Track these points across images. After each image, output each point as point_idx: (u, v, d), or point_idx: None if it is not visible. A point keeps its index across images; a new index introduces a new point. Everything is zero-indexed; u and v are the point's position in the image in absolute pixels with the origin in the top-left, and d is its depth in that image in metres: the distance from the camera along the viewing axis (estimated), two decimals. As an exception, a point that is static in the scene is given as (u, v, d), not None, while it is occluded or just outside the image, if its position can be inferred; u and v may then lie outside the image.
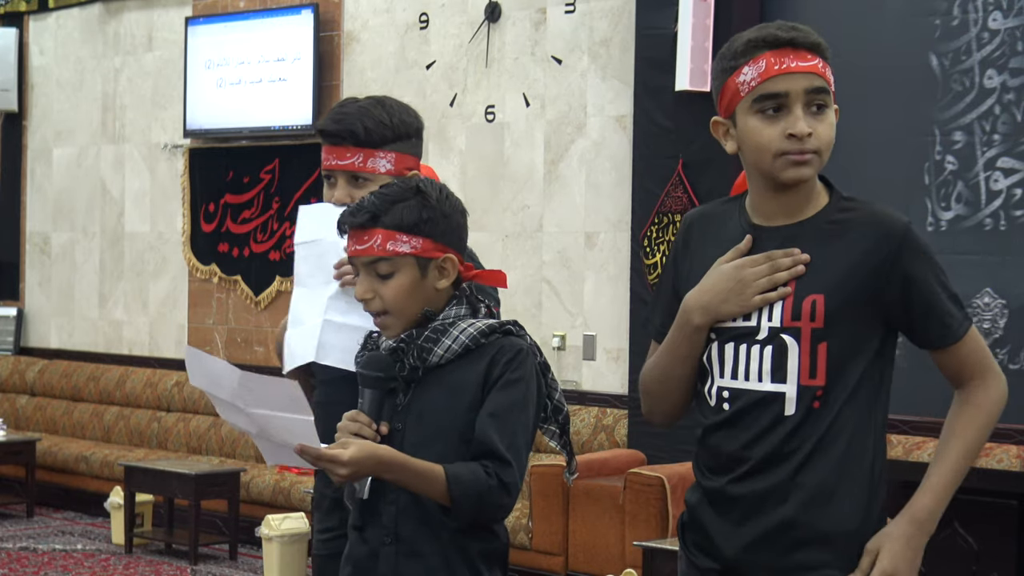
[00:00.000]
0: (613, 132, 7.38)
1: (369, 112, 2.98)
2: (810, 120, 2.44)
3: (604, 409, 7.25)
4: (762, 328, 2.45)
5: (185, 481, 7.59)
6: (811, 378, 2.43)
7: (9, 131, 10.40)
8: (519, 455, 2.54)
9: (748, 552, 2.46)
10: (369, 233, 2.57)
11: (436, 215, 2.59)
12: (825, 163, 2.47)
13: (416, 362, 2.57)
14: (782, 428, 2.43)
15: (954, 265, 6.20)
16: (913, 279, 2.44)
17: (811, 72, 2.44)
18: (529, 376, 2.58)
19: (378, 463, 2.47)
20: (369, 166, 2.95)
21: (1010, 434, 5.97)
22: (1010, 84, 6.16)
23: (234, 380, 2.51)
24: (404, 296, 2.58)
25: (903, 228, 2.45)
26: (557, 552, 6.73)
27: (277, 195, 8.78)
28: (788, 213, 2.49)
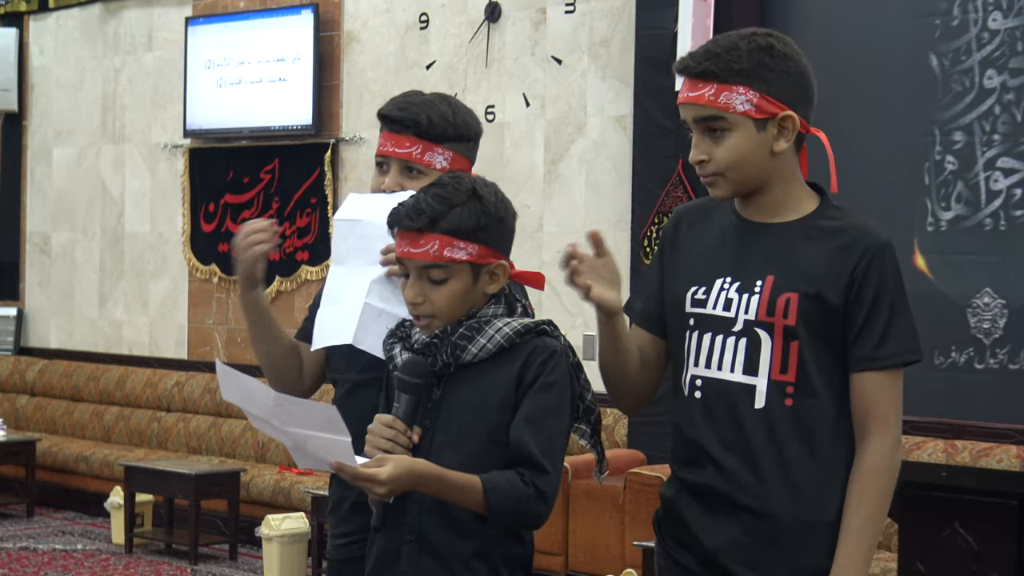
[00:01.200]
0: (613, 132, 7.39)
1: (434, 105, 2.94)
2: (707, 145, 2.52)
3: (604, 409, 7.17)
4: (738, 320, 2.50)
5: (185, 481, 7.59)
6: (782, 373, 2.47)
7: (9, 131, 10.40)
8: (555, 462, 2.50)
9: (726, 544, 2.49)
10: (426, 237, 2.52)
11: (493, 220, 2.57)
12: (742, 181, 2.51)
13: (449, 359, 2.54)
14: (752, 420, 2.47)
15: (954, 265, 6.20)
16: (869, 291, 2.46)
17: (695, 103, 2.51)
18: (563, 379, 2.55)
19: (416, 478, 2.43)
20: (426, 159, 2.90)
21: (1010, 434, 5.98)
22: (1010, 84, 6.16)
23: (269, 400, 2.47)
24: (455, 303, 2.55)
25: (882, 244, 2.48)
26: (557, 552, 6.73)
27: (277, 195, 8.78)
28: (770, 213, 2.55)
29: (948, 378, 6.18)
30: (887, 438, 2.47)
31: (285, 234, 8.72)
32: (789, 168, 2.54)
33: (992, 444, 5.90)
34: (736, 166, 2.49)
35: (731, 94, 2.48)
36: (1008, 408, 6.08)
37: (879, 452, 2.46)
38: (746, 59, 2.48)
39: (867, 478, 2.46)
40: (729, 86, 2.47)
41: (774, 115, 2.48)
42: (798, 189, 2.55)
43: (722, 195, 2.54)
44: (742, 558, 2.48)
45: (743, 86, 2.47)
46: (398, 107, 2.94)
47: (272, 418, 2.51)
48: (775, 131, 2.50)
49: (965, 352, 6.16)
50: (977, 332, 6.18)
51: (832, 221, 2.52)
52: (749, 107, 2.47)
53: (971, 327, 6.18)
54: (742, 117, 2.48)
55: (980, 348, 6.17)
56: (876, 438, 2.46)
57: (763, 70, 2.48)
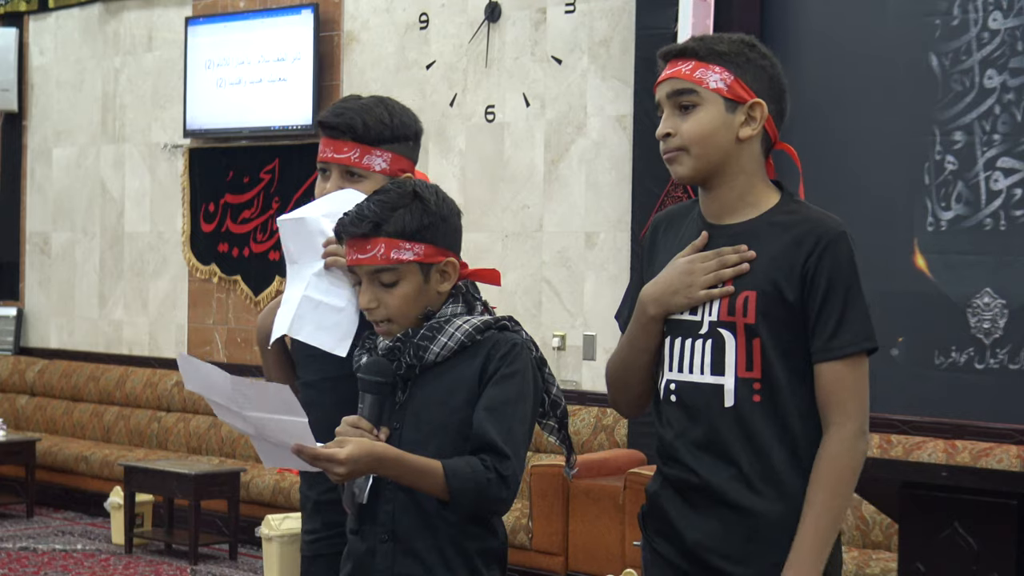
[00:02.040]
0: (613, 132, 7.38)
1: (370, 109, 2.98)
2: (675, 121, 2.56)
3: (604, 409, 7.25)
4: (704, 323, 2.54)
5: (185, 481, 7.59)
6: (747, 370, 2.51)
7: (9, 131, 10.40)
8: (517, 448, 2.54)
9: (707, 538, 2.54)
10: (372, 242, 2.57)
11: (436, 219, 2.60)
12: (705, 160, 2.54)
13: (413, 360, 2.58)
14: (722, 419, 2.51)
15: (954, 265, 6.20)
16: (822, 281, 2.48)
17: (671, 77, 2.57)
18: (525, 369, 2.58)
19: (375, 460, 2.46)
20: (364, 163, 2.94)
21: (1010, 434, 5.97)
22: (1010, 84, 6.16)
23: (227, 385, 2.51)
24: (409, 304, 2.59)
25: (835, 234, 2.50)
26: (557, 552, 6.73)
27: (277, 195, 8.78)
28: (731, 212, 2.58)
29: (948, 378, 6.18)
30: (846, 428, 2.48)
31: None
32: (753, 162, 2.57)
33: (992, 444, 5.90)
34: (701, 141, 2.53)
35: (707, 71, 2.54)
36: (1008, 408, 6.08)
37: (837, 442, 2.47)
38: (727, 45, 2.56)
39: (824, 469, 2.47)
40: (706, 64, 2.55)
41: (744, 101, 2.54)
42: (759, 185, 2.58)
43: (682, 173, 2.56)
44: (722, 551, 2.52)
45: (719, 66, 2.54)
46: (334, 113, 2.98)
47: (232, 404, 2.54)
48: (743, 118, 2.54)
49: (965, 352, 6.15)
50: (977, 332, 6.18)
51: (789, 215, 2.55)
52: (722, 86, 2.53)
53: (971, 327, 6.18)
54: (713, 94, 2.53)
55: (980, 348, 6.17)
56: (835, 429, 2.48)
57: (741, 58, 2.55)
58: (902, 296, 6.21)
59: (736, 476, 2.50)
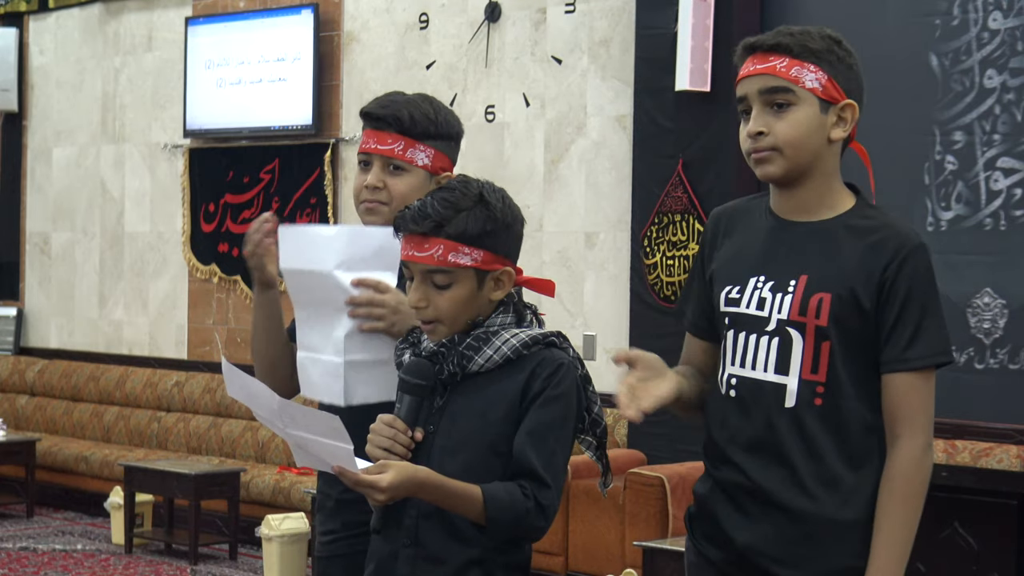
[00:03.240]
0: (613, 132, 7.38)
1: (416, 104, 2.97)
2: (768, 119, 2.50)
3: (604, 409, 7.23)
4: (772, 319, 2.50)
5: (185, 481, 7.59)
6: (813, 373, 2.47)
7: (9, 131, 10.40)
8: (557, 476, 2.49)
9: (758, 541, 2.49)
10: (430, 241, 2.50)
11: (499, 226, 2.53)
12: (796, 160, 2.50)
13: (456, 368, 2.52)
14: (782, 419, 2.47)
15: (954, 265, 6.19)
16: (900, 291, 2.46)
17: (765, 73, 2.50)
18: (569, 392, 2.53)
19: (416, 485, 2.42)
20: (408, 155, 2.92)
21: (1010, 434, 5.97)
22: (1010, 84, 6.16)
23: (273, 404, 2.48)
24: (459, 308, 2.52)
25: (915, 244, 2.48)
26: (557, 552, 6.73)
27: (277, 195, 8.78)
28: (807, 211, 2.54)
29: (948, 378, 6.16)
30: (916, 440, 2.46)
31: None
32: (834, 163, 2.55)
33: (992, 444, 5.90)
34: (796, 143, 2.48)
35: (802, 69, 2.49)
36: (1008, 408, 6.07)
37: (908, 455, 2.45)
38: (819, 42, 2.51)
39: (897, 482, 2.45)
40: (801, 62, 2.49)
41: (837, 101, 2.50)
42: (837, 186, 2.56)
43: (773, 173, 2.51)
44: (774, 555, 2.49)
45: (814, 64, 2.49)
46: (381, 105, 2.97)
47: (276, 420, 2.53)
48: (834, 119, 2.51)
49: (965, 352, 6.15)
50: (977, 332, 6.17)
51: (867, 220, 2.52)
52: (817, 86, 2.49)
53: (971, 327, 6.17)
54: (809, 94, 2.48)
55: (980, 348, 6.17)
56: (905, 441, 2.45)
57: (833, 56, 2.51)
58: (902, 296, 6.20)
59: (789, 478, 2.47)
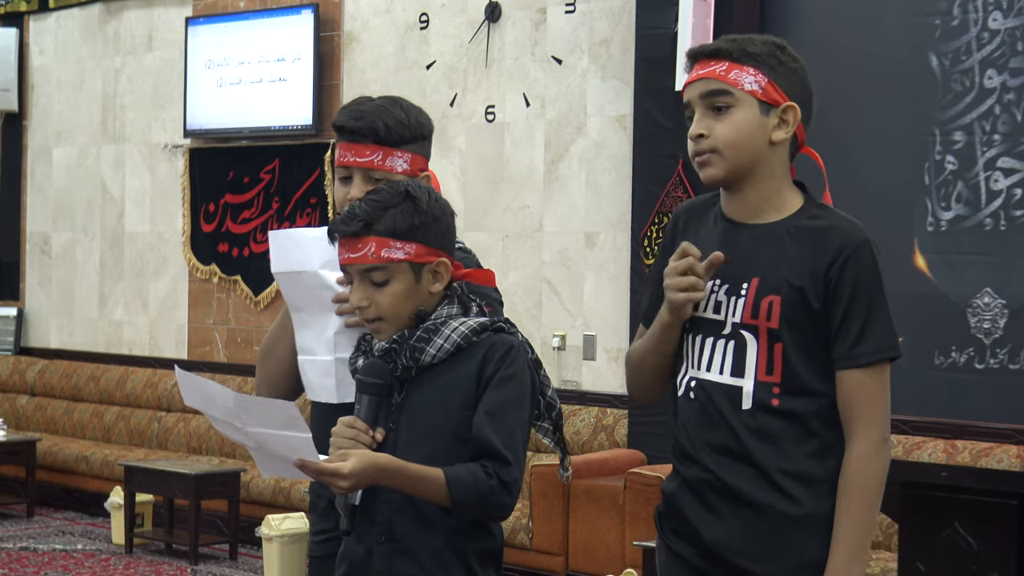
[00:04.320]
0: (613, 132, 7.38)
1: (388, 111, 2.96)
2: (709, 122, 2.53)
3: (604, 409, 7.25)
4: (727, 323, 2.54)
5: (185, 481, 7.59)
6: (768, 374, 2.50)
7: (9, 131, 10.40)
8: (517, 453, 2.54)
9: (726, 536, 2.52)
10: (363, 241, 2.57)
11: (428, 219, 2.59)
12: (737, 161, 2.52)
13: (409, 362, 2.58)
14: (739, 421, 2.51)
15: (954, 265, 6.19)
16: (845, 289, 2.48)
17: (705, 77, 2.54)
18: (522, 372, 2.58)
19: (378, 472, 2.48)
20: (387, 165, 2.92)
21: (1010, 434, 5.97)
22: (1010, 84, 6.16)
23: (229, 401, 2.50)
24: (400, 303, 2.58)
25: (859, 241, 2.50)
26: (557, 552, 6.73)
27: (277, 195, 8.78)
28: (755, 213, 2.57)
29: (948, 378, 6.18)
30: (871, 436, 2.49)
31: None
32: (780, 166, 2.57)
33: (992, 444, 5.90)
34: (735, 144, 2.51)
35: (741, 72, 2.52)
36: (1008, 408, 6.07)
37: (863, 450, 2.48)
38: (760, 47, 2.54)
39: (853, 477, 2.48)
40: (740, 65, 2.52)
41: (778, 103, 2.52)
42: (785, 188, 2.58)
43: (714, 175, 2.55)
44: (742, 550, 2.51)
45: (753, 67, 2.52)
46: (353, 117, 2.94)
47: (234, 419, 2.54)
48: (776, 121, 2.53)
49: (965, 352, 6.16)
50: (977, 332, 6.17)
51: (813, 220, 2.54)
52: (756, 88, 2.51)
53: (971, 327, 6.18)
54: (748, 96, 2.51)
55: (980, 348, 6.17)
56: (860, 436, 2.49)
57: (773, 60, 2.53)
58: (902, 296, 6.21)
59: (757, 475, 2.50)
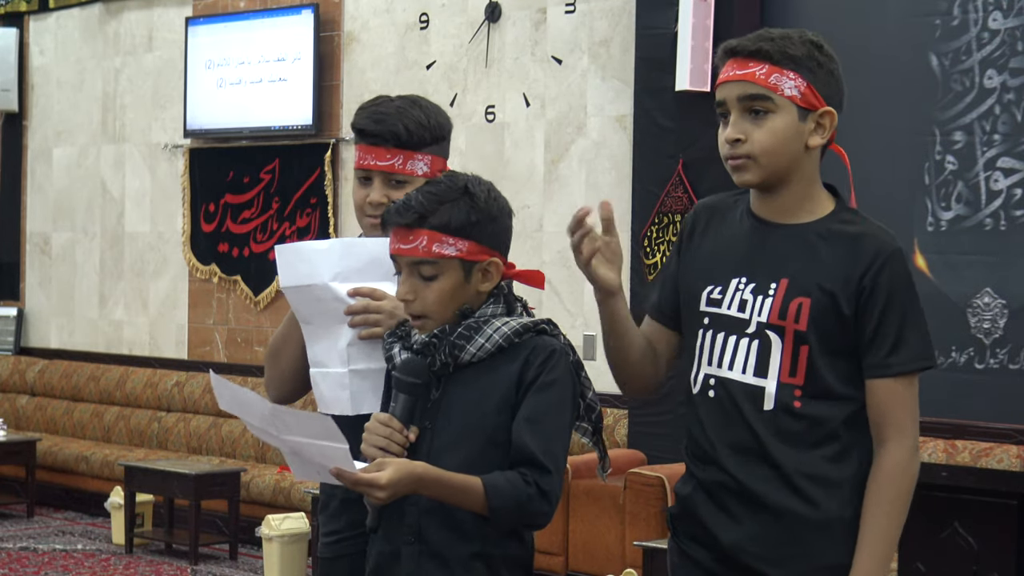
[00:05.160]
0: (613, 132, 7.38)
1: (408, 113, 2.93)
2: (746, 126, 2.49)
3: (604, 409, 7.21)
4: (752, 322, 2.51)
5: (185, 481, 7.59)
6: (791, 376, 2.48)
7: (9, 131, 10.40)
8: (557, 461, 2.49)
9: (744, 540, 2.49)
10: (415, 233, 2.52)
11: (484, 217, 2.56)
12: (772, 168, 2.49)
13: (448, 359, 2.53)
14: (761, 422, 2.48)
15: (954, 265, 6.20)
16: (879, 298, 2.47)
17: (744, 80, 2.49)
18: (564, 377, 2.53)
19: (416, 481, 2.43)
20: (408, 168, 2.90)
21: (1010, 434, 5.97)
22: (1010, 84, 6.16)
23: (265, 411, 2.48)
24: (446, 300, 2.54)
25: (893, 249, 2.50)
26: (557, 552, 6.73)
27: (277, 195, 8.78)
28: (787, 214, 2.54)
29: (948, 378, 6.18)
30: (903, 444, 2.47)
31: (285, 234, 8.73)
32: (813, 168, 2.55)
33: (992, 444, 5.90)
34: (772, 151, 2.48)
35: (781, 76, 2.48)
36: (1008, 408, 6.07)
37: (894, 458, 2.47)
38: (799, 47, 2.50)
39: (883, 484, 2.47)
40: (780, 69, 2.48)
41: (816, 108, 2.50)
42: (816, 190, 2.56)
43: (748, 180, 2.52)
44: (759, 553, 2.49)
45: (793, 71, 2.48)
46: (373, 120, 2.92)
47: (269, 427, 2.52)
48: (812, 125, 2.51)
49: (965, 352, 6.16)
50: (977, 332, 6.17)
51: (846, 225, 2.52)
52: (796, 93, 2.48)
53: (971, 327, 6.18)
54: (787, 102, 2.48)
55: (980, 348, 6.17)
56: (892, 444, 2.47)
57: (812, 63, 2.50)
58: (902, 296, 6.21)
59: (776, 477, 2.47)
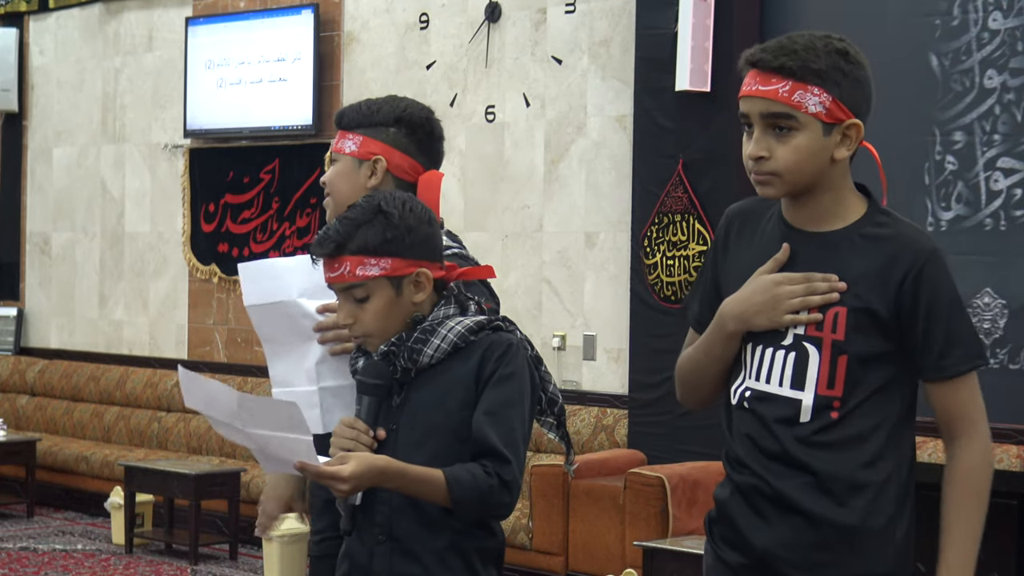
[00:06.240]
0: (613, 132, 7.38)
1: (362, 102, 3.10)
2: (770, 143, 2.46)
3: (604, 409, 7.25)
4: (788, 334, 2.49)
5: (185, 481, 7.60)
6: (829, 388, 2.46)
7: (9, 131, 10.40)
8: (517, 451, 2.56)
9: (776, 545, 2.49)
10: (339, 261, 2.59)
11: (401, 232, 2.60)
12: (797, 183, 2.47)
13: (407, 363, 2.60)
14: (796, 434, 2.47)
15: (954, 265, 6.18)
16: (922, 302, 2.45)
17: (767, 97, 2.45)
18: (521, 370, 2.60)
19: (378, 474, 2.50)
20: (338, 146, 3.04)
21: (1010, 434, 5.97)
22: (1010, 84, 6.16)
23: (232, 402, 2.51)
24: (382, 317, 2.60)
25: (930, 251, 2.47)
26: (557, 552, 6.73)
27: (277, 195, 8.78)
28: (819, 220, 2.52)
29: (948, 378, 6.17)
30: (973, 440, 2.48)
31: (285, 234, 8.73)
32: (841, 176, 2.51)
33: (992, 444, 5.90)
34: (796, 168, 2.45)
35: (805, 93, 2.44)
36: (1008, 408, 6.07)
37: (968, 454, 2.47)
38: (823, 60, 2.45)
39: (964, 482, 2.46)
40: (804, 85, 2.44)
41: (841, 121, 2.46)
42: (847, 196, 2.52)
43: (773, 195, 2.50)
44: (792, 560, 2.48)
45: (818, 87, 2.44)
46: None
47: (235, 420, 2.54)
48: (839, 138, 2.47)
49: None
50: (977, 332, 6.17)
51: (879, 228, 2.50)
52: (821, 109, 2.44)
53: (971, 327, 6.17)
54: (812, 118, 2.44)
55: (980, 348, 6.16)
56: (963, 440, 2.47)
57: (838, 74, 2.45)
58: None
59: (812, 484, 2.46)
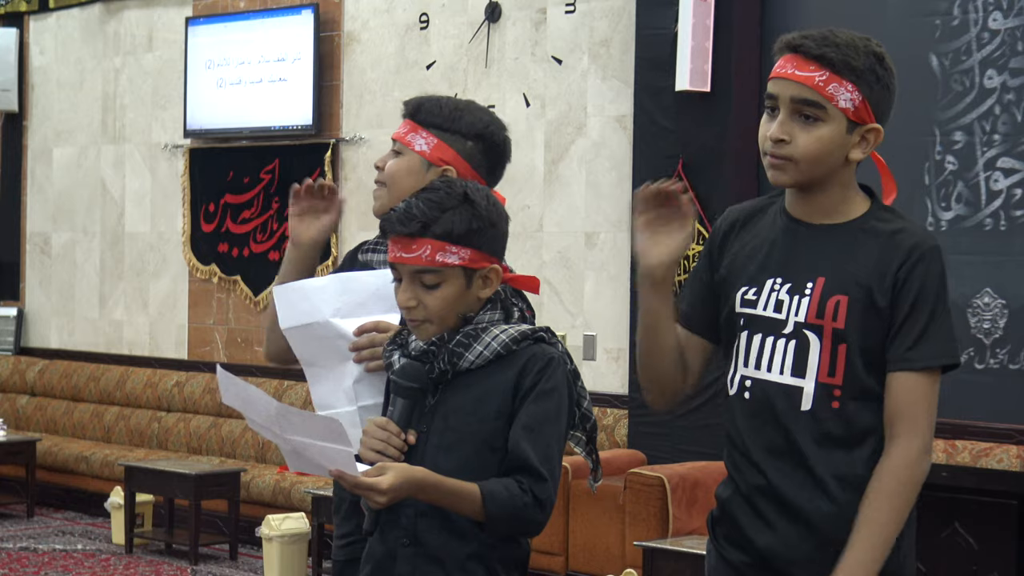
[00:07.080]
0: (613, 132, 7.38)
1: (444, 98, 3.06)
2: (793, 128, 2.47)
3: (604, 409, 7.25)
4: (789, 322, 2.49)
5: (185, 481, 7.60)
6: (830, 376, 2.46)
7: (9, 131, 10.40)
8: (553, 469, 2.51)
9: (779, 545, 2.48)
10: (418, 242, 2.52)
11: (485, 224, 2.56)
12: (810, 174, 2.48)
13: (446, 366, 2.54)
14: (799, 422, 2.46)
15: (954, 265, 6.19)
16: (912, 290, 2.46)
17: (802, 83, 2.46)
18: (561, 386, 2.54)
19: (415, 486, 2.44)
20: (408, 139, 2.97)
21: (1010, 434, 5.97)
22: (1010, 84, 6.16)
23: (270, 409, 2.48)
24: (449, 307, 2.54)
25: (930, 245, 2.49)
26: (557, 552, 6.73)
27: (277, 195, 8.77)
28: (823, 214, 2.54)
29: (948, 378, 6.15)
30: (914, 442, 2.44)
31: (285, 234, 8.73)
32: (849, 176, 2.54)
33: (992, 444, 5.90)
34: (815, 159, 2.47)
35: (839, 87, 2.47)
36: (1008, 408, 6.07)
37: (903, 456, 2.43)
38: (862, 59, 2.49)
39: (887, 480, 2.42)
40: (840, 78, 2.47)
41: (865, 123, 2.49)
42: (852, 194, 2.55)
43: (784, 181, 2.51)
44: (794, 559, 2.48)
45: (852, 83, 2.47)
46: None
47: (272, 425, 2.52)
48: (857, 139, 2.49)
49: (965, 352, 6.15)
50: (977, 332, 6.17)
51: (882, 223, 2.52)
52: (850, 106, 2.47)
53: (971, 327, 6.18)
54: (840, 113, 2.47)
55: (980, 348, 6.17)
56: (903, 440, 2.44)
57: (872, 76, 2.51)
58: (902, 296, 6.21)
59: (809, 481, 2.45)
